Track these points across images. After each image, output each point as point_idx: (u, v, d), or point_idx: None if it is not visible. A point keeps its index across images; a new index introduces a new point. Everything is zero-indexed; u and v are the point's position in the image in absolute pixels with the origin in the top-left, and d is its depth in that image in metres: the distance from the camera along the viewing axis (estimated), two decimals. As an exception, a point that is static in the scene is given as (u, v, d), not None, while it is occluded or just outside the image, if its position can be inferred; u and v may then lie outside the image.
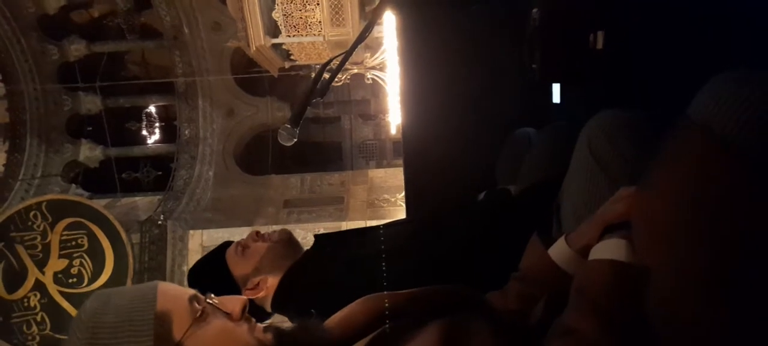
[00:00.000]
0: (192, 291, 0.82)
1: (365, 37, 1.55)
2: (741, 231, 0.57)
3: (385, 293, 0.92)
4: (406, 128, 1.98)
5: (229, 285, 1.37)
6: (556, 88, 1.54)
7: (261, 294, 1.36)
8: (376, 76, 7.92)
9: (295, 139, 1.50)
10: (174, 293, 0.81)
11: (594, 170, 0.95)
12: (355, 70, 8.04)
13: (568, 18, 1.10)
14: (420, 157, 1.95)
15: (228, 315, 0.82)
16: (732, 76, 0.63)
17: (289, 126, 1.49)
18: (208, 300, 0.82)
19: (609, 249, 0.72)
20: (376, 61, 7.79)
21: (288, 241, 1.43)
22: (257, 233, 1.44)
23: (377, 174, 10.50)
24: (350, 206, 9.86)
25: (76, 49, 10.04)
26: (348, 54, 1.54)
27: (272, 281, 1.36)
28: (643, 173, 0.69)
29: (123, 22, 10.20)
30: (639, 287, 0.64)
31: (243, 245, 1.41)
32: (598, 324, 0.64)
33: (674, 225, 0.62)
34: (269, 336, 0.84)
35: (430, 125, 1.94)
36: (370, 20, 1.55)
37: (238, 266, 1.38)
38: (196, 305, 0.80)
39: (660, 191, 0.65)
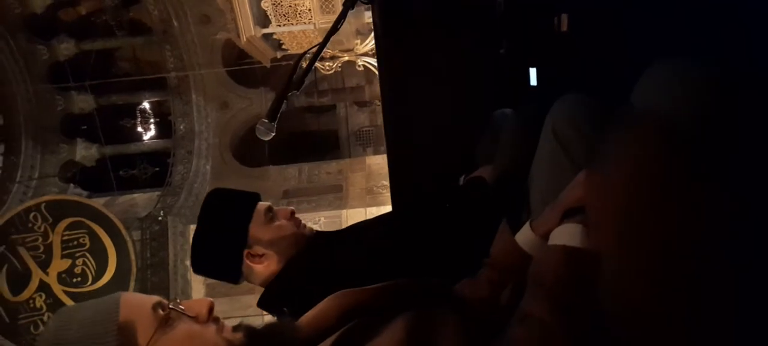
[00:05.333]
0: (156, 298, 0.83)
1: (338, 27, 1.53)
2: (683, 215, 0.57)
3: (355, 289, 0.92)
4: (388, 115, 1.97)
5: (239, 227, 1.32)
6: (532, 71, 1.53)
7: (258, 267, 1.32)
8: (368, 62, 7.88)
9: (273, 134, 1.48)
10: (137, 302, 0.81)
11: (559, 154, 0.96)
12: (346, 58, 8.01)
13: (532, 2, 1.09)
14: (403, 145, 1.94)
15: (194, 318, 0.83)
16: (672, 65, 0.63)
17: (266, 120, 1.47)
18: (171, 305, 0.82)
19: (564, 235, 0.73)
20: (367, 47, 7.75)
21: (313, 238, 1.39)
22: (293, 213, 1.40)
23: (375, 161, 10.48)
24: (349, 193, 9.87)
25: (66, 47, 9.97)
26: (322, 45, 1.53)
27: (272, 265, 1.32)
28: (595, 158, 0.69)
29: (111, 19, 10.13)
30: (590, 272, 0.64)
31: (273, 213, 1.36)
32: (549, 309, 0.65)
33: (620, 209, 0.63)
34: (239, 335, 0.84)
35: (413, 112, 1.93)
36: (343, 9, 1.53)
37: (258, 227, 1.33)
38: (160, 311, 0.80)
39: (607, 176, 0.65)
